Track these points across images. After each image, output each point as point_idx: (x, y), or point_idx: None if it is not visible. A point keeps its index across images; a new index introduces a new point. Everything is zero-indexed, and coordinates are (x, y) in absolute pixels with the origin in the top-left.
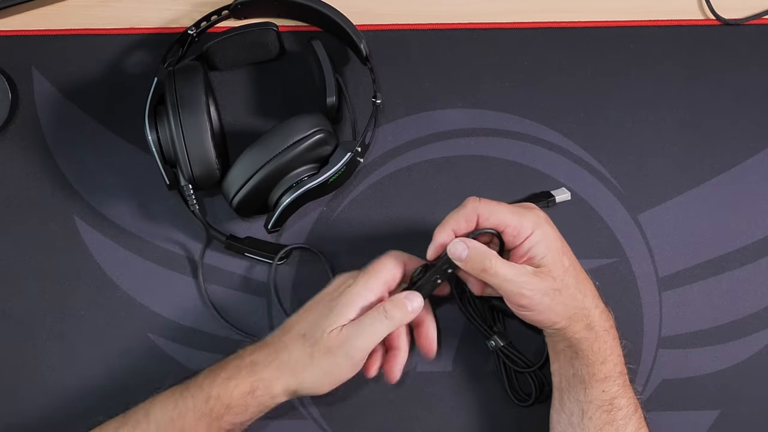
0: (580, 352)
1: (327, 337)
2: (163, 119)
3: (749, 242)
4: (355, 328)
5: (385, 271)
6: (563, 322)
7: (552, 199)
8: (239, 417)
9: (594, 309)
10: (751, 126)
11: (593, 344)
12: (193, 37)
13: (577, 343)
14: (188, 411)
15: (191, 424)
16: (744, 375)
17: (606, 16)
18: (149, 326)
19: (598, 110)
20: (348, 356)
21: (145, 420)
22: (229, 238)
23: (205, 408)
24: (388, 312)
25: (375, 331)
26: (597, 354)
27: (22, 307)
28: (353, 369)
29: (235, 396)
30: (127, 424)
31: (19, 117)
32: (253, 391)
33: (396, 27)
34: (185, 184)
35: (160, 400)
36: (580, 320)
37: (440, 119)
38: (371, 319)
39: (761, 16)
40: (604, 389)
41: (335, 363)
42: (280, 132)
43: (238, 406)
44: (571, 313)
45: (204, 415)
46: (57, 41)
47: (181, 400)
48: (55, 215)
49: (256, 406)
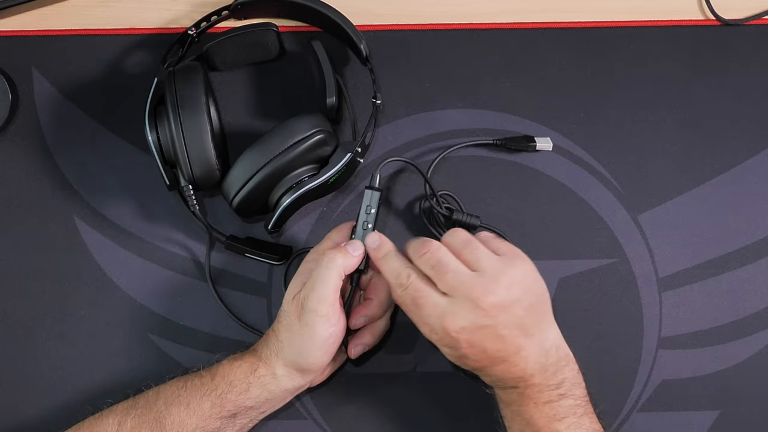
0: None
1: (292, 303)
2: (163, 120)
3: (749, 242)
4: (309, 283)
5: (330, 238)
6: (433, 337)
7: (533, 144)
8: (242, 397)
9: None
10: (751, 126)
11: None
12: (193, 38)
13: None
14: (195, 388)
15: (196, 399)
16: (744, 375)
17: (606, 16)
18: (149, 326)
19: (598, 110)
20: (315, 312)
21: (155, 397)
22: (230, 239)
23: (211, 384)
24: (330, 255)
25: (325, 277)
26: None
27: (22, 307)
28: (328, 325)
29: (238, 374)
30: (137, 403)
31: (19, 117)
32: (255, 371)
33: (396, 27)
34: (185, 184)
35: (171, 382)
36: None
37: (440, 119)
38: (318, 268)
39: (761, 16)
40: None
41: (307, 323)
42: (280, 132)
43: (240, 383)
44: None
45: (209, 390)
46: (57, 41)
47: (190, 380)
48: (55, 215)
49: (259, 387)
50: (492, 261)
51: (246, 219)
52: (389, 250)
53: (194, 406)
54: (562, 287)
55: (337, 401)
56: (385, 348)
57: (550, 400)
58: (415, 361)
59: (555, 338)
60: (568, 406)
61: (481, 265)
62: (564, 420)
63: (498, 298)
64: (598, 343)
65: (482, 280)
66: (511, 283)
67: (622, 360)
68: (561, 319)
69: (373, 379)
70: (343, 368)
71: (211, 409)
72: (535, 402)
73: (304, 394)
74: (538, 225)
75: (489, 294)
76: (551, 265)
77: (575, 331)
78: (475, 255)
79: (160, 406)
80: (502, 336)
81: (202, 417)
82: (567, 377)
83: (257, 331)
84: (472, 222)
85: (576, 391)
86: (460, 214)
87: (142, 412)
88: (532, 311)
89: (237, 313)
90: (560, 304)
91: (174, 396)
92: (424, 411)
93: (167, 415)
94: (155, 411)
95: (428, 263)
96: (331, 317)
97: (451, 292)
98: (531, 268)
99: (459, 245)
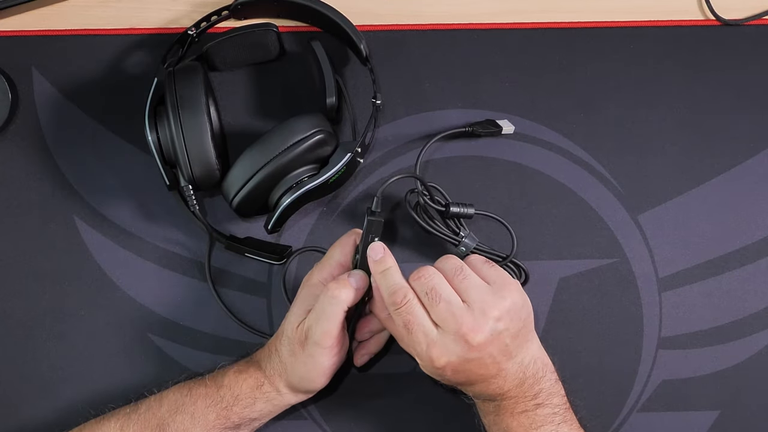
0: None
1: (295, 333)
2: (163, 120)
3: (749, 242)
4: (313, 316)
5: (335, 253)
6: (417, 359)
7: (499, 129)
8: (247, 410)
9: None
10: (751, 126)
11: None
12: (193, 38)
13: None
14: (200, 397)
15: (201, 409)
16: (744, 375)
17: (606, 16)
18: (149, 326)
19: (598, 110)
20: (317, 344)
21: (158, 404)
22: (230, 239)
23: (216, 396)
24: (332, 292)
25: (328, 313)
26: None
27: (22, 307)
28: (331, 355)
29: (244, 388)
30: (139, 408)
31: (19, 117)
32: (260, 386)
33: (396, 27)
34: (185, 184)
35: (174, 388)
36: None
37: (440, 119)
38: (321, 304)
39: (761, 16)
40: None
41: (311, 354)
42: (280, 132)
43: (246, 398)
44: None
45: (215, 402)
46: (57, 41)
47: (194, 387)
48: (55, 215)
49: (264, 402)
50: (481, 292)
51: (246, 219)
52: (390, 266)
53: (199, 416)
54: (562, 287)
55: (337, 401)
56: (385, 348)
57: (525, 410)
58: (415, 362)
59: (534, 351)
60: (545, 415)
61: (470, 296)
62: (541, 428)
63: (486, 334)
64: (598, 343)
65: (472, 316)
66: (499, 316)
67: (622, 360)
68: (561, 319)
69: (373, 380)
70: (348, 374)
71: (216, 420)
72: (511, 412)
73: None
74: (538, 225)
75: (478, 332)
76: (551, 265)
77: (575, 331)
78: (465, 285)
79: (163, 413)
80: (486, 364)
81: (206, 427)
82: (544, 387)
83: (257, 332)
84: (467, 212)
85: (553, 399)
86: (456, 206)
87: (145, 418)
88: (518, 336)
89: (237, 313)
90: (560, 304)
91: (178, 404)
92: (424, 411)
93: (171, 423)
94: (158, 417)
95: (423, 289)
96: (334, 348)
97: (441, 323)
98: (519, 294)
99: (450, 272)
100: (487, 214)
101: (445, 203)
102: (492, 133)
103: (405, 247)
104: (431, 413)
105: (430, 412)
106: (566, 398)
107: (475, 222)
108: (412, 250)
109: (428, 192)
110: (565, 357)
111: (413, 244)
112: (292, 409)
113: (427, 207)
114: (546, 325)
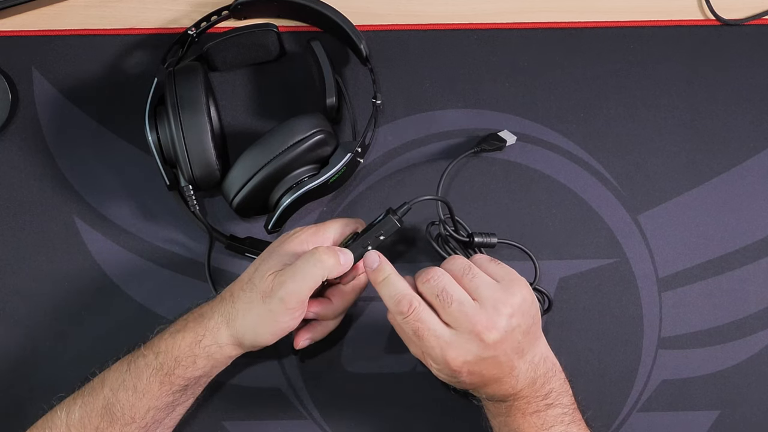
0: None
1: (264, 280)
2: (164, 120)
3: (749, 242)
4: (290, 271)
5: (334, 228)
6: (431, 364)
7: (504, 142)
8: (189, 370)
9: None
10: (751, 126)
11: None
12: (193, 38)
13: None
14: (139, 370)
15: (144, 382)
16: (744, 375)
17: (606, 16)
18: (149, 327)
19: (598, 110)
20: (282, 301)
21: (100, 384)
22: (230, 239)
23: (156, 363)
24: (321, 256)
25: (307, 274)
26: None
27: (22, 307)
28: (289, 318)
29: (183, 348)
30: (84, 392)
31: (19, 117)
32: (199, 341)
33: (396, 27)
34: (185, 184)
35: (114, 366)
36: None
37: (440, 119)
38: (304, 262)
39: (761, 16)
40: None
41: (270, 309)
42: (280, 133)
43: (186, 358)
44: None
45: (155, 371)
46: (57, 41)
47: (133, 362)
48: (55, 215)
49: (205, 358)
50: (492, 290)
51: (246, 219)
52: (389, 273)
53: (142, 389)
54: (562, 287)
55: (337, 401)
56: (385, 348)
57: (537, 410)
58: (415, 361)
59: (543, 350)
60: (555, 415)
61: (481, 294)
62: (551, 429)
63: (501, 331)
64: (598, 343)
65: (486, 314)
66: (512, 312)
67: (622, 360)
68: (561, 319)
69: (373, 379)
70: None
71: (161, 388)
72: (523, 413)
73: (304, 394)
74: (538, 225)
75: (492, 329)
76: (551, 265)
77: (575, 331)
78: (475, 283)
79: (106, 393)
80: (500, 362)
81: (153, 398)
82: (554, 387)
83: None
84: (490, 241)
85: (563, 399)
86: (479, 236)
87: (89, 401)
88: (528, 332)
89: None
90: (560, 304)
91: (119, 381)
92: (424, 411)
93: (116, 402)
94: (102, 398)
95: (433, 291)
96: (295, 311)
97: (454, 324)
98: (527, 290)
99: (459, 272)
100: (509, 242)
101: (468, 234)
102: (499, 148)
103: (405, 249)
104: (431, 413)
105: (431, 412)
106: (574, 398)
107: (497, 250)
108: (412, 251)
109: (454, 224)
110: (565, 357)
111: (413, 247)
112: (293, 409)
113: (449, 239)
114: (546, 325)
